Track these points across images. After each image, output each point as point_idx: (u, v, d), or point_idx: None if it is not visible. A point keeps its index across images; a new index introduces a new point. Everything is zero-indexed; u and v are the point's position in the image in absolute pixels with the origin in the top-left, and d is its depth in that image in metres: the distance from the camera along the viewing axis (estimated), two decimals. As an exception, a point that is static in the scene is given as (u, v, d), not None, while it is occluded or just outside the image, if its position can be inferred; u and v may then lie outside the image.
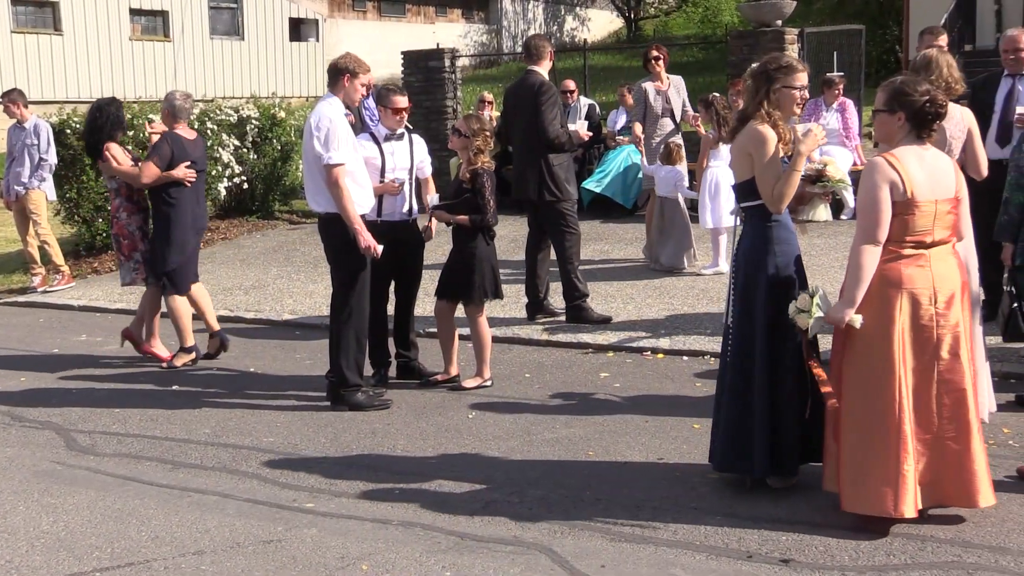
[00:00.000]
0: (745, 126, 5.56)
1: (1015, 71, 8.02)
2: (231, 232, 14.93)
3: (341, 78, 7.31)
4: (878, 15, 24.56)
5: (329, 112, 7.23)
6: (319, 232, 7.57)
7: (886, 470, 4.97)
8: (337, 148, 7.13)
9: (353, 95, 7.39)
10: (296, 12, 29.19)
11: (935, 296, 4.99)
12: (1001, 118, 7.94)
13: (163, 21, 27.10)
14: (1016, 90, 7.99)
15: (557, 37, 35.99)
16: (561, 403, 7.39)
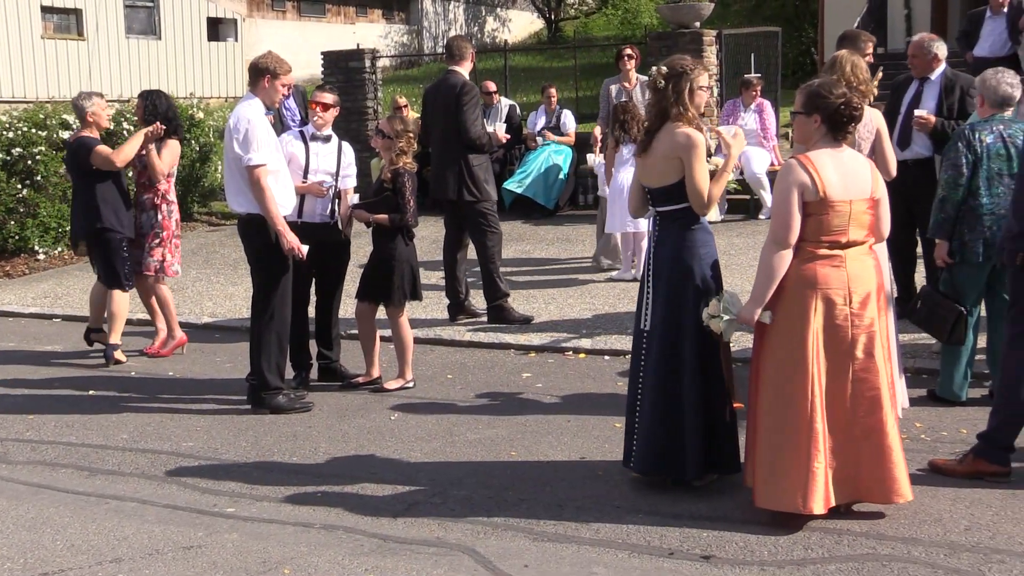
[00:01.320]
0: (666, 129, 5.57)
1: (920, 75, 8.19)
2: (148, 234, 14.67)
3: (262, 79, 7.25)
4: (794, 17, 24.89)
5: (248, 113, 7.16)
6: (239, 233, 7.49)
7: (797, 467, 5.05)
8: (257, 149, 7.06)
9: (273, 96, 7.33)
10: (214, 11, 28.81)
11: (850, 296, 5.08)
12: (903, 121, 8.11)
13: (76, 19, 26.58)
14: (921, 93, 8.16)
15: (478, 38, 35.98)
16: (484, 403, 7.39)
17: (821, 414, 5.06)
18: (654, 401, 5.60)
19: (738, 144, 5.72)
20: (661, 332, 5.61)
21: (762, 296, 5.14)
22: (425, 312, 9.66)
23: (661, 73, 5.60)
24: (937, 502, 5.35)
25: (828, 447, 5.07)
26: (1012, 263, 5.54)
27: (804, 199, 5.04)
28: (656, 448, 5.59)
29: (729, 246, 11.21)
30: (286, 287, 7.31)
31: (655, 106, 5.62)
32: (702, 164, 5.50)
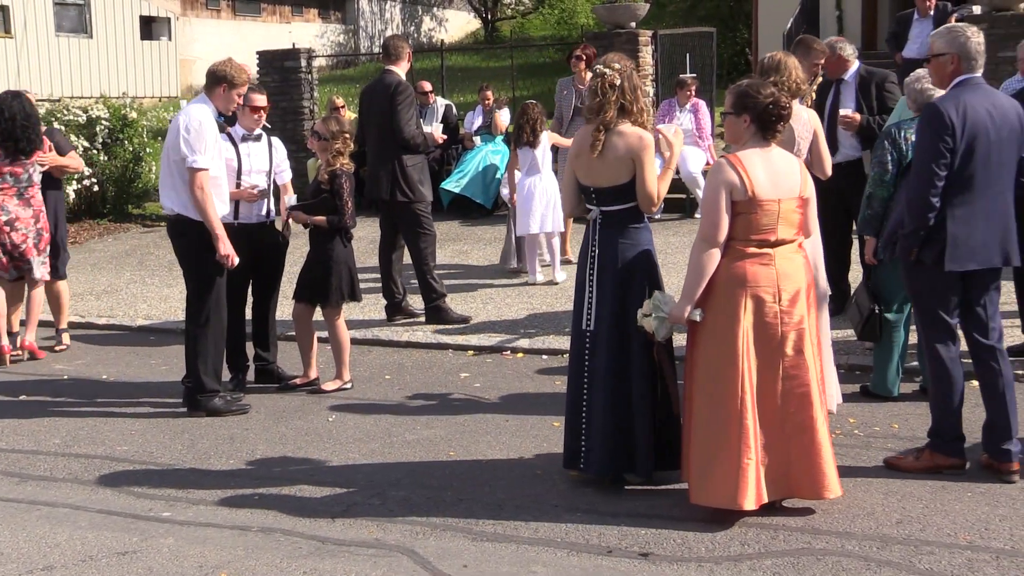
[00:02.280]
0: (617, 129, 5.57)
1: (834, 77, 8.30)
2: (81, 236, 14.50)
3: (219, 86, 7.21)
4: (729, 18, 25.13)
5: (199, 114, 7.12)
6: (168, 234, 7.42)
7: (729, 464, 5.11)
8: (203, 152, 7.02)
9: (228, 104, 7.30)
10: (147, 10, 28.46)
11: (779, 294, 5.14)
12: (828, 125, 8.20)
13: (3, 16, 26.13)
14: (839, 95, 8.28)
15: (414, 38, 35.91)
16: (422, 404, 7.38)
17: (752, 411, 5.12)
18: (605, 402, 5.60)
19: (679, 142, 5.78)
20: (608, 333, 5.61)
21: (692, 294, 5.20)
22: (362, 313, 9.62)
23: (616, 70, 5.61)
24: (870, 496, 5.43)
25: (759, 443, 5.13)
26: (906, 259, 5.63)
27: (733, 198, 5.10)
28: (610, 450, 5.61)
29: (666, 245, 11.29)
30: (220, 288, 7.24)
31: (613, 104, 5.59)
32: (653, 164, 5.54)
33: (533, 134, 10.39)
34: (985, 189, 5.52)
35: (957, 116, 5.40)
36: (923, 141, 5.51)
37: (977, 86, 5.57)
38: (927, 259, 5.52)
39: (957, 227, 5.47)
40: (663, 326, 5.36)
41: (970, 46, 5.55)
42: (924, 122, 5.53)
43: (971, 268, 5.60)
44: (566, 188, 5.90)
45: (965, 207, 5.49)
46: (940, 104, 5.48)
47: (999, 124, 5.51)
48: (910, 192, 5.56)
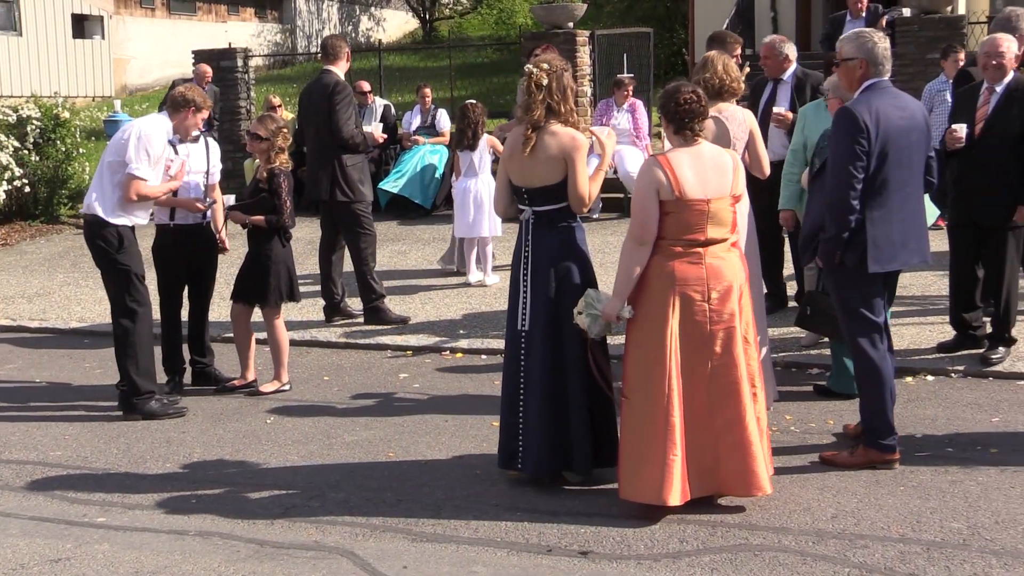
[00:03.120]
0: (549, 129, 5.58)
1: (773, 76, 8.41)
2: (12, 238, 14.26)
3: (186, 108, 7.28)
4: (665, 19, 25.29)
5: (153, 128, 7.19)
6: (84, 237, 7.35)
7: (655, 460, 5.16)
8: (149, 165, 7.06)
9: (190, 129, 7.38)
10: (79, 8, 28.00)
11: (708, 293, 5.19)
12: (760, 123, 8.29)
13: (-70, 14, 25.65)
14: (776, 94, 8.38)
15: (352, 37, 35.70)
16: (361, 405, 7.35)
17: (678, 408, 5.17)
18: (541, 402, 5.61)
19: (611, 143, 5.81)
20: (542, 333, 5.63)
21: (623, 291, 5.26)
22: (300, 314, 9.56)
23: (544, 70, 5.61)
24: (806, 492, 5.50)
25: (685, 440, 5.18)
26: (829, 263, 5.71)
27: (661, 198, 5.15)
28: (546, 449, 5.62)
29: (604, 244, 11.34)
30: (129, 291, 7.16)
31: (541, 104, 5.59)
32: (585, 164, 5.57)
33: (473, 137, 10.38)
34: (898, 190, 5.62)
35: (870, 119, 5.50)
36: (839, 145, 5.59)
37: (885, 89, 5.67)
38: (850, 262, 5.60)
39: (876, 229, 5.57)
40: (596, 323, 5.40)
41: (877, 51, 5.66)
42: (838, 126, 5.62)
43: (893, 268, 5.71)
44: (499, 189, 5.90)
45: (881, 209, 5.59)
46: (853, 108, 5.57)
47: (908, 126, 5.62)
48: (830, 196, 5.63)
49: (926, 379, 7.29)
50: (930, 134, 5.89)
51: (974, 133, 7.04)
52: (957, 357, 7.53)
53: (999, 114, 7.01)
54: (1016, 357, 7.40)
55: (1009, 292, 7.25)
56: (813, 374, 7.52)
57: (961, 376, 7.30)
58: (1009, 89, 7.04)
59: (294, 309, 9.23)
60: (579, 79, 14.34)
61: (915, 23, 12.91)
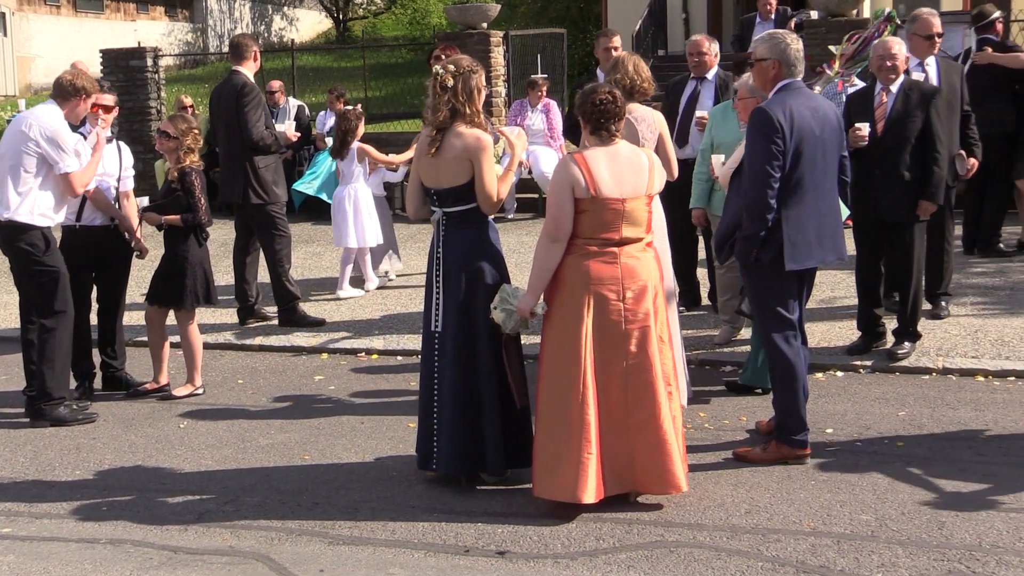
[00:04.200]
0: (455, 130, 5.58)
1: (698, 75, 8.52)
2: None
3: (75, 97, 7.09)
4: (579, 19, 25.43)
5: (52, 120, 7.01)
6: None
7: (569, 458, 5.20)
8: (70, 155, 6.96)
9: (80, 115, 7.21)
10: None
11: (623, 292, 5.24)
12: (681, 120, 8.41)
13: None
14: (699, 93, 8.49)
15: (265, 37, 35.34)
16: (276, 408, 7.29)
17: (593, 407, 5.21)
18: (454, 403, 5.62)
19: (521, 144, 5.83)
20: (455, 333, 5.63)
21: (537, 287, 5.30)
22: (214, 317, 9.44)
23: (450, 71, 5.61)
24: (720, 488, 5.58)
25: (599, 438, 5.23)
26: (745, 261, 5.80)
27: (576, 196, 5.18)
28: (460, 449, 5.62)
29: (519, 244, 11.37)
30: (57, 293, 7.02)
31: (445, 105, 5.60)
32: (492, 165, 5.57)
33: (342, 145, 10.22)
34: (813, 189, 5.73)
35: (785, 119, 5.59)
36: (755, 145, 5.68)
37: (798, 90, 5.78)
38: (766, 259, 5.69)
39: (791, 228, 5.67)
40: (511, 318, 5.42)
41: (790, 52, 5.77)
42: (754, 126, 5.70)
43: (809, 266, 5.82)
44: (410, 190, 5.90)
45: (797, 207, 5.69)
46: (768, 108, 5.66)
47: (822, 125, 5.73)
48: (748, 196, 5.71)
49: (836, 375, 7.43)
50: (843, 134, 6.01)
51: (876, 132, 7.20)
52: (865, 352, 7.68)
53: (898, 113, 7.18)
54: (921, 352, 7.58)
55: (916, 288, 7.42)
56: (727, 372, 7.62)
57: (869, 372, 7.46)
58: (904, 89, 7.23)
59: (208, 312, 9.12)
60: (493, 80, 14.38)
61: (822, 25, 13.14)
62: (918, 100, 7.17)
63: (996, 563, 4.66)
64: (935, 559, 4.72)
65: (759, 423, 6.39)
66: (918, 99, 7.17)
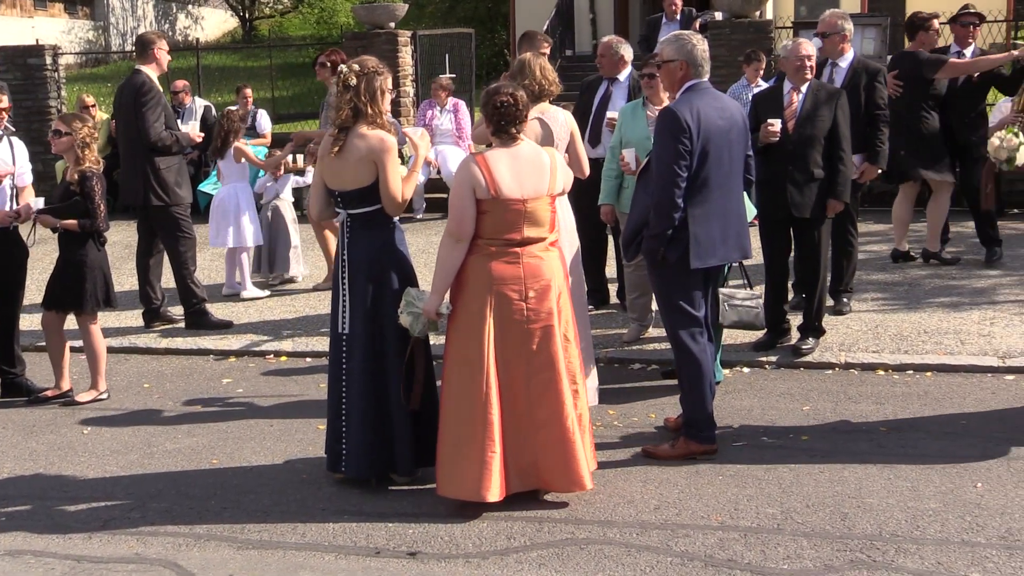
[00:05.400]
0: (358, 131, 5.56)
1: (609, 75, 8.59)
2: None
3: None
4: (487, 19, 25.52)
5: None
6: None
7: (472, 457, 5.22)
8: None
9: None
10: None
11: (525, 292, 5.26)
12: (593, 120, 8.48)
13: None
14: (611, 94, 8.56)
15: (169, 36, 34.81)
16: (183, 412, 7.19)
17: (496, 405, 5.24)
18: (362, 405, 5.60)
19: (424, 144, 5.82)
20: (362, 335, 5.61)
21: (440, 288, 5.32)
22: (118, 320, 9.27)
23: (354, 71, 5.58)
24: (630, 484, 5.63)
25: (503, 437, 5.25)
26: (652, 259, 5.88)
27: (477, 196, 5.20)
28: (369, 451, 5.61)
29: (428, 244, 11.35)
30: None
31: (348, 105, 5.58)
32: (396, 166, 5.56)
33: (222, 145, 10.05)
34: (719, 188, 5.82)
35: (692, 119, 5.67)
36: (663, 145, 5.75)
37: (705, 90, 5.87)
38: (672, 258, 5.76)
39: (698, 226, 5.75)
40: (418, 321, 5.43)
41: (696, 53, 5.85)
42: (662, 126, 5.77)
43: (714, 264, 5.91)
44: (314, 191, 5.87)
45: (703, 206, 5.77)
46: (675, 108, 5.74)
47: (728, 125, 5.82)
48: (655, 195, 5.77)
49: (742, 371, 7.55)
50: (748, 133, 6.11)
51: (787, 130, 7.32)
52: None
53: (808, 112, 7.31)
54: (824, 347, 7.73)
55: (821, 285, 7.57)
56: (635, 370, 7.69)
57: (774, 367, 7.59)
58: (813, 89, 7.36)
59: (112, 315, 8.96)
60: (401, 80, 14.34)
61: (726, 27, 13.34)
62: (825, 100, 7.30)
63: (895, 551, 4.78)
64: (838, 549, 4.83)
65: (667, 420, 6.46)
66: (825, 99, 7.31)
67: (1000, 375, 7.23)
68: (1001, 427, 6.31)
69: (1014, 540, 4.87)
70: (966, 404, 6.72)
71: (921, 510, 5.20)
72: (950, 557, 4.73)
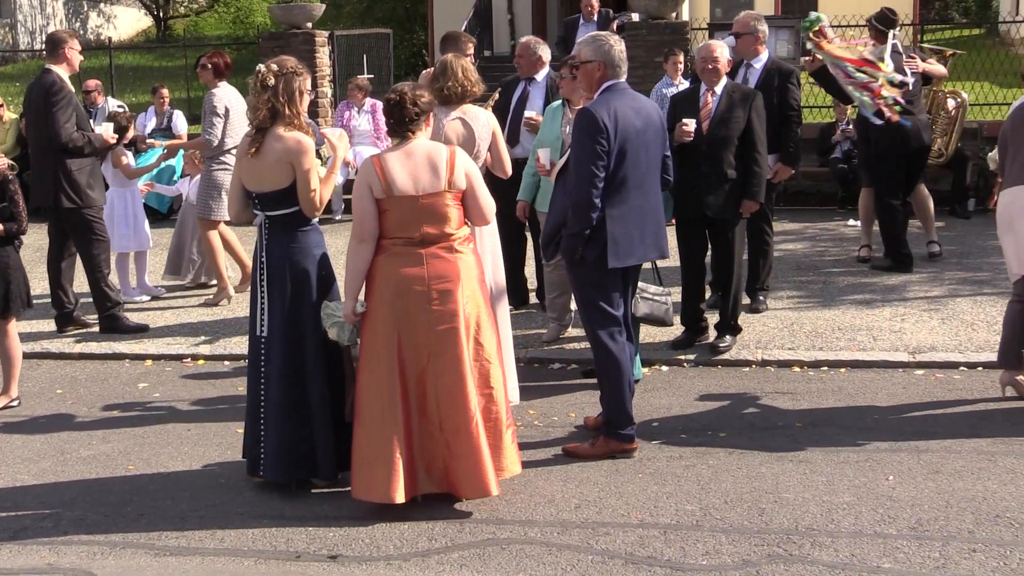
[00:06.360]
0: (275, 133, 5.52)
1: (527, 76, 8.61)
2: None
3: None
4: (405, 20, 25.43)
5: None
6: None
7: (382, 459, 5.22)
8: None
9: None
10: None
11: (430, 292, 5.26)
12: (511, 120, 8.50)
13: None
14: (528, 93, 8.59)
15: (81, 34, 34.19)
16: (98, 417, 7.06)
17: (401, 407, 5.24)
18: (282, 408, 5.56)
19: (343, 145, 5.80)
20: (281, 338, 5.57)
21: (351, 290, 5.33)
22: (30, 325, 9.08)
23: (272, 71, 5.54)
24: (550, 484, 5.65)
25: (410, 439, 5.26)
26: (570, 258, 5.91)
27: (375, 196, 5.24)
28: (288, 454, 5.57)
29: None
30: None
31: (265, 105, 5.54)
32: (314, 168, 5.53)
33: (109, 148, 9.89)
34: (637, 188, 5.87)
35: (609, 119, 5.72)
36: (580, 145, 5.78)
37: (623, 91, 5.92)
38: (590, 257, 5.80)
39: (615, 226, 5.79)
40: (344, 330, 5.42)
41: (613, 54, 5.90)
42: (579, 127, 5.81)
43: (632, 263, 5.96)
44: (232, 193, 5.83)
45: (621, 206, 5.82)
46: (593, 109, 5.78)
47: (645, 125, 5.88)
48: (573, 195, 5.80)
49: (661, 369, 7.62)
50: (666, 133, 6.17)
51: (702, 130, 7.40)
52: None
53: (722, 113, 7.39)
54: (741, 345, 7.83)
55: (737, 283, 7.67)
56: (554, 369, 7.73)
57: (693, 365, 7.67)
58: (728, 91, 7.45)
59: (23, 320, 8.76)
60: (319, 80, 14.24)
61: (643, 27, 13.44)
62: (740, 101, 7.39)
63: (811, 545, 4.87)
64: (756, 544, 4.90)
65: (587, 419, 6.50)
66: (740, 100, 7.39)
67: (911, 370, 7.39)
68: (911, 420, 6.46)
69: (924, 531, 4.98)
70: (878, 399, 6.86)
71: (835, 503, 5.29)
72: (863, 549, 4.82)
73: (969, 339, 7.82)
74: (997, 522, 5.05)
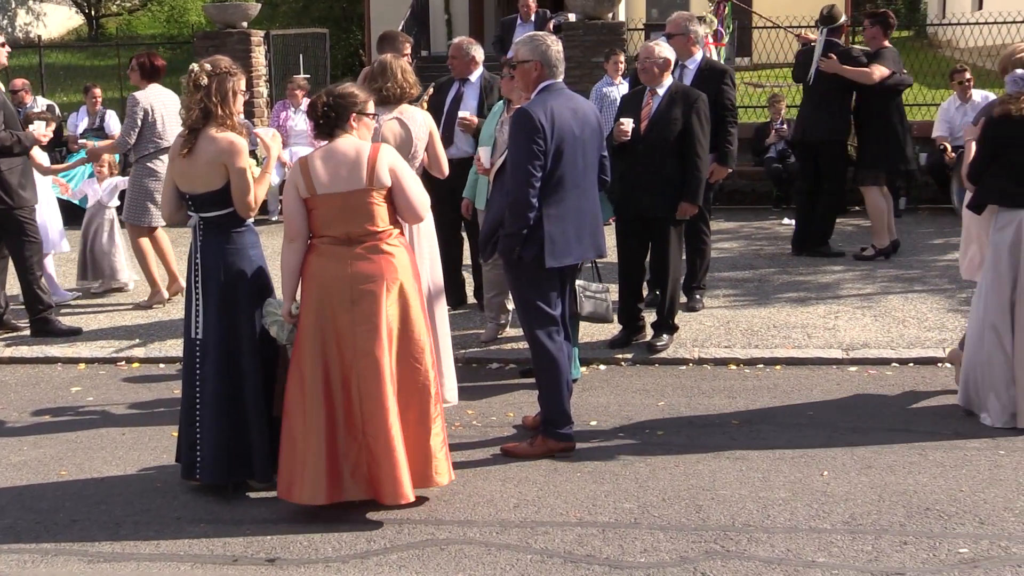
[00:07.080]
0: (208, 134, 5.47)
1: (460, 76, 8.61)
2: None
3: None
4: (342, 19, 25.31)
5: None
6: None
7: (306, 462, 5.21)
8: None
9: None
10: None
11: (353, 292, 5.22)
12: (446, 120, 8.49)
13: None
14: (462, 94, 8.58)
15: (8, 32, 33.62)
16: (29, 423, 6.94)
17: (325, 409, 5.22)
18: (217, 410, 5.52)
19: (276, 145, 5.76)
20: (216, 340, 5.52)
21: (286, 290, 5.33)
22: (-42, 329, 8.92)
23: (205, 70, 5.49)
24: (489, 484, 5.66)
25: (333, 441, 5.23)
26: (508, 258, 5.92)
27: (301, 195, 5.24)
28: (224, 456, 5.53)
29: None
30: None
31: (197, 105, 5.49)
32: (247, 168, 5.49)
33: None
34: (574, 188, 5.89)
35: (546, 119, 5.74)
36: (517, 145, 5.79)
37: (560, 91, 5.94)
38: (528, 257, 5.81)
39: (552, 226, 5.81)
40: (283, 328, 5.39)
41: (551, 54, 5.92)
42: (516, 126, 5.81)
43: (568, 263, 5.98)
44: (165, 194, 5.77)
45: (558, 206, 5.84)
46: (529, 109, 5.79)
47: (582, 125, 5.91)
48: (511, 194, 5.81)
49: (599, 368, 7.65)
50: (602, 133, 6.20)
51: (640, 129, 7.44)
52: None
53: (662, 113, 7.43)
54: (678, 343, 7.89)
55: (674, 282, 7.72)
56: (493, 369, 7.73)
57: (630, 364, 7.71)
58: (670, 91, 7.49)
59: (-50, 324, 8.61)
60: (254, 80, 14.12)
61: (580, 28, 13.49)
62: (682, 103, 7.43)
63: (748, 540, 4.92)
64: (693, 541, 4.94)
65: (525, 419, 6.51)
66: (682, 102, 7.44)
67: (844, 367, 7.50)
68: (845, 416, 6.55)
69: (857, 525, 5.06)
70: (813, 395, 6.95)
71: (771, 499, 5.36)
72: (799, 544, 4.88)
73: (900, 336, 7.95)
74: (927, 515, 5.14)
